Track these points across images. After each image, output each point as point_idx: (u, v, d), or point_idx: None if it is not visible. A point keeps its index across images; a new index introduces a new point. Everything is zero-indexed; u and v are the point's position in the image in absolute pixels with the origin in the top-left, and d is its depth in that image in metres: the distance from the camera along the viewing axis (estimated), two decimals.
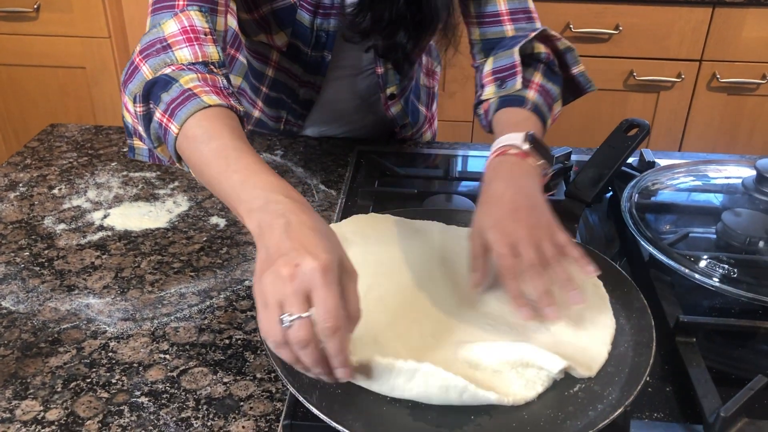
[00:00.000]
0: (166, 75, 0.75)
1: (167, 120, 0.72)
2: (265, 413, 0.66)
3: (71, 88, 2.27)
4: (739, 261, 0.80)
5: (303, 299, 0.55)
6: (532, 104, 0.89)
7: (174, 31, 0.78)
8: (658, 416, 0.66)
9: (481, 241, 0.72)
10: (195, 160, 0.70)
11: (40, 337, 0.75)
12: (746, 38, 2.01)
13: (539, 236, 0.70)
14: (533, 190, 0.76)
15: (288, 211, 0.60)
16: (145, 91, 0.76)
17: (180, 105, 0.71)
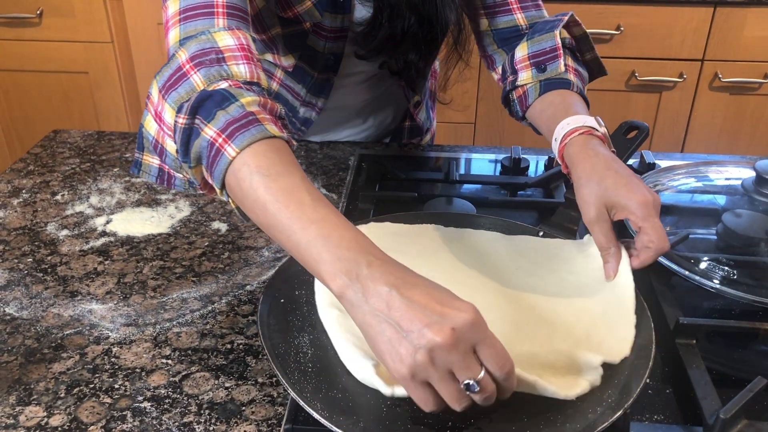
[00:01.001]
0: (224, 90, 0.68)
1: (223, 140, 0.64)
2: (267, 418, 0.67)
3: (74, 94, 2.28)
4: (739, 262, 0.80)
5: (474, 358, 0.53)
6: (577, 87, 0.89)
7: (231, 45, 0.71)
8: (657, 418, 0.66)
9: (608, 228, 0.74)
10: (256, 194, 0.62)
11: (44, 343, 0.76)
12: (748, 38, 2.01)
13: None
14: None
15: (389, 274, 0.56)
16: (196, 102, 0.67)
17: (242, 128, 0.64)
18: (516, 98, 0.94)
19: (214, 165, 0.65)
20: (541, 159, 1.13)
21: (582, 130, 0.79)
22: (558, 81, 0.89)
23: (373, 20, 0.94)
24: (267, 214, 0.62)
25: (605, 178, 0.73)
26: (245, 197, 0.63)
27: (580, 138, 0.79)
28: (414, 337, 0.52)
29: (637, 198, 0.71)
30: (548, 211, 0.96)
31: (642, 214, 0.71)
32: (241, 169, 0.63)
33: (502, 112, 2.17)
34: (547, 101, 0.89)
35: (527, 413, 0.60)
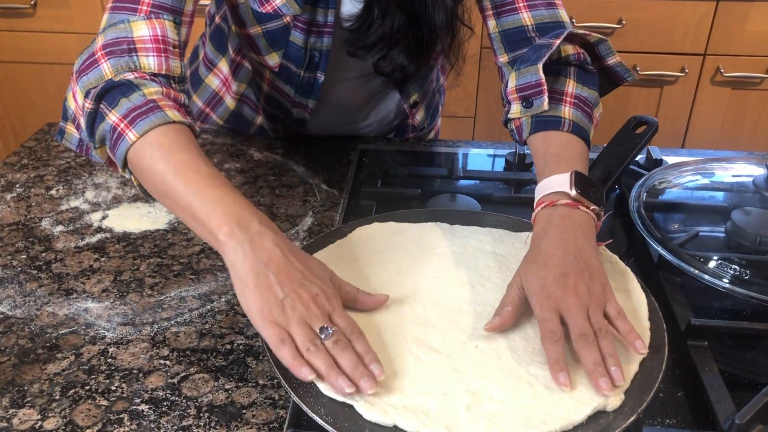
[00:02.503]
0: (129, 81, 0.74)
1: (125, 126, 0.71)
2: (268, 421, 0.65)
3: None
4: (750, 261, 0.78)
5: (328, 320, 0.63)
6: (569, 123, 0.83)
7: (144, 36, 0.77)
8: (670, 422, 0.64)
9: (517, 296, 0.69)
10: (156, 167, 0.69)
11: (38, 343, 0.74)
12: (750, 32, 1.99)
13: (588, 304, 0.65)
14: (585, 249, 0.70)
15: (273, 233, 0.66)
16: (102, 90, 0.74)
17: (142, 114, 0.71)
18: (514, 128, 0.91)
19: (116, 147, 0.72)
20: None
21: (546, 201, 0.75)
22: (548, 120, 0.85)
23: (362, 16, 0.90)
24: (165, 182, 0.69)
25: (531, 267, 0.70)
26: (144, 170, 0.71)
27: (543, 212, 0.75)
28: (283, 290, 0.63)
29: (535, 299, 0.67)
30: None
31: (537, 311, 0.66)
32: (143, 148, 0.70)
33: (501, 107, 2.15)
34: (534, 145, 0.85)
35: (540, 418, 0.58)
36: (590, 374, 0.61)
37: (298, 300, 0.63)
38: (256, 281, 0.63)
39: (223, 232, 0.65)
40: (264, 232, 0.66)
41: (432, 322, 0.68)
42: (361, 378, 0.59)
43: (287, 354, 0.61)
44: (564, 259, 0.69)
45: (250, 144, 1.16)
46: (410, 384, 0.61)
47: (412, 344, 0.66)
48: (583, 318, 0.64)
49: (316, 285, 0.65)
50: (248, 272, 0.64)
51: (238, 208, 0.67)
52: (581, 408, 0.58)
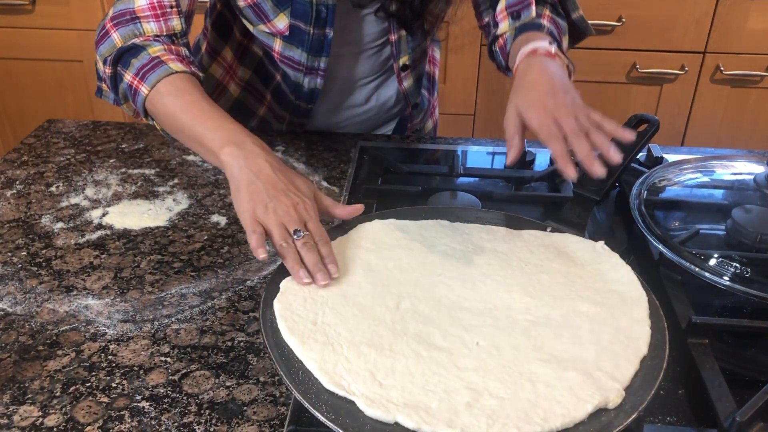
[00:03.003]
0: (135, 44, 0.88)
1: (137, 82, 0.86)
2: (269, 418, 0.65)
3: (68, 82, 2.25)
4: (751, 259, 0.78)
5: (303, 226, 0.74)
6: (547, 29, 0.96)
7: (143, 5, 0.89)
8: (671, 420, 0.64)
9: (517, 120, 0.79)
10: (167, 109, 0.84)
11: (38, 340, 0.74)
12: (750, 30, 1.99)
13: (576, 112, 0.77)
14: (566, 78, 0.83)
15: (264, 152, 0.78)
16: (116, 56, 0.89)
17: (150, 70, 0.85)
18: (498, 49, 1.01)
19: (135, 101, 0.87)
20: (546, 152, 1.11)
21: (527, 51, 0.88)
22: (530, 25, 0.96)
23: None
24: (176, 120, 0.83)
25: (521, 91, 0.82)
26: (159, 114, 0.86)
27: (525, 58, 0.88)
28: (269, 196, 0.75)
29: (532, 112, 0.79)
30: (555, 206, 0.94)
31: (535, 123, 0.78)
32: (155, 97, 0.85)
33: (501, 104, 2.15)
34: (517, 43, 0.95)
35: (541, 416, 0.58)
36: (585, 162, 0.73)
37: (280, 205, 0.74)
38: (247, 187, 0.75)
39: (224, 151, 0.78)
40: (257, 150, 0.78)
41: (433, 319, 0.68)
42: (319, 272, 0.71)
43: (254, 240, 0.72)
44: (551, 82, 0.81)
45: None
46: (411, 381, 0.61)
47: (413, 341, 0.65)
48: (574, 120, 0.76)
49: (297, 196, 0.76)
50: (242, 179, 0.76)
51: (234, 132, 0.80)
52: (582, 405, 0.58)
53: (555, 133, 0.75)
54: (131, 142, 1.16)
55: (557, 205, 0.92)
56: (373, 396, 0.59)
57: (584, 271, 0.76)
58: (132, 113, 0.93)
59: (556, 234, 0.82)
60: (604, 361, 0.63)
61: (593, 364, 0.63)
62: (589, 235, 0.89)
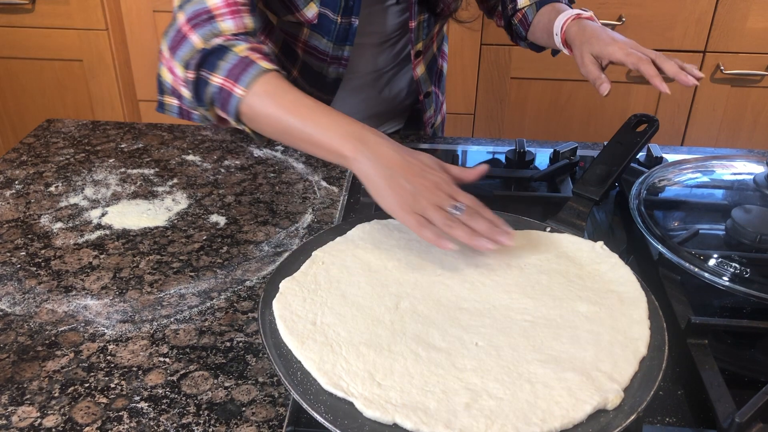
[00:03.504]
0: (220, 45, 0.85)
1: (231, 84, 0.83)
2: (268, 419, 0.65)
3: (68, 82, 2.24)
4: (751, 260, 0.78)
5: (453, 200, 0.73)
6: (568, 2, 1.07)
7: (218, 3, 0.86)
8: (670, 420, 0.64)
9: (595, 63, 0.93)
10: (269, 110, 0.81)
11: (37, 340, 0.74)
12: (751, 29, 1.98)
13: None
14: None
15: (386, 140, 0.77)
16: (200, 60, 0.85)
17: (242, 71, 0.82)
18: (517, 22, 1.11)
19: (228, 104, 0.84)
20: (546, 152, 1.11)
21: (572, 16, 1.00)
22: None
23: None
24: (281, 122, 0.80)
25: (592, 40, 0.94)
26: (259, 117, 0.82)
27: (573, 23, 0.99)
28: (411, 184, 0.73)
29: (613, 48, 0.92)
30: (555, 206, 0.94)
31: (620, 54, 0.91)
32: (252, 98, 0.82)
33: (501, 103, 2.15)
34: (541, 14, 1.07)
35: (539, 417, 0.58)
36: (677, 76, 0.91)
37: (426, 189, 0.73)
38: (387, 183, 0.74)
39: (348, 149, 0.76)
40: (380, 141, 0.76)
41: (432, 320, 0.68)
42: (500, 235, 0.72)
43: (430, 234, 0.71)
44: (611, 33, 0.94)
45: (249, 141, 1.15)
46: (410, 381, 0.61)
47: (412, 341, 0.65)
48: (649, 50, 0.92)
49: (434, 174, 0.75)
50: (379, 177, 0.74)
51: (351, 127, 0.78)
52: (581, 406, 0.58)
53: (642, 57, 0.88)
54: (130, 141, 1.16)
55: (557, 205, 0.92)
56: (371, 397, 0.59)
57: (583, 271, 0.76)
58: (213, 120, 0.90)
59: (555, 234, 0.82)
60: (603, 361, 0.63)
61: (592, 365, 0.63)
62: (589, 235, 0.89)
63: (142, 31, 2.17)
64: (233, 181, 1.04)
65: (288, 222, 0.94)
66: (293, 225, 0.94)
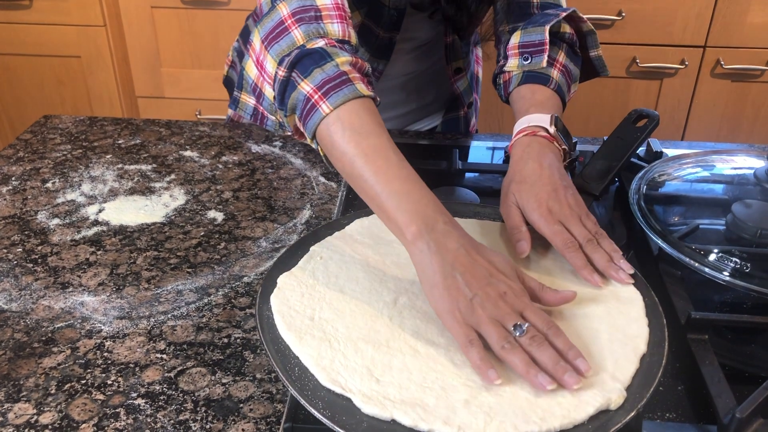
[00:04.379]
0: (321, 48, 0.76)
1: (318, 97, 0.73)
2: (266, 415, 0.64)
3: (66, 78, 2.24)
4: (751, 254, 0.77)
5: (520, 317, 0.62)
6: (556, 83, 0.91)
7: (327, 4, 0.80)
8: (670, 416, 0.64)
9: (519, 213, 0.77)
10: (345, 148, 0.71)
11: (34, 337, 0.73)
12: (751, 24, 1.98)
13: (581, 215, 0.76)
14: (563, 170, 0.80)
15: (458, 233, 0.66)
16: (295, 58, 0.76)
17: (336, 87, 0.73)
18: (502, 83, 0.97)
19: (308, 118, 0.74)
20: None
21: (528, 131, 0.83)
22: (538, 75, 0.91)
23: None
24: (354, 167, 0.70)
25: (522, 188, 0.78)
26: (334, 148, 0.72)
27: (524, 139, 0.83)
28: (471, 289, 0.62)
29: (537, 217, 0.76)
30: None
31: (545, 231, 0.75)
32: (335, 124, 0.72)
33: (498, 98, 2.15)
34: (520, 93, 0.92)
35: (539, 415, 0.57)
36: (607, 271, 0.72)
37: (487, 299, 0.62)
38: (443, 282, 0.63)
39: (411, 231, 0.65)
40: (449, 231, 0.65)
41: (430, 315, 0.68)
42: (565, 373, 0.58)
43: (475, 356, 0.60)
44: (551, 177, 0.77)
45: (248, 137, 1.15)
46: (408, 377, 0.61)
47: (410, 337, 0.65)
48: (582, 226, 0.74)
49: (503, 282, 0.63)
50: (436, 273, 0.63)
51: (423, 206, 0.67)
52: (583, 407, 0.57)
53: (571, 242, 0.73)
54: (128, 137, 1.15)
55: None
56: (369, 393, 0.59)
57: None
58: (289, 128, 0.81)
59: None
60: (605, 360, 0.62)
61: (594, 363, 0.62)
62: None
63: (141, 27, 2.16)
64: (231, 177, 1.03)
65: (286, 218, 0.94)
66: (291, 221, 0.93)
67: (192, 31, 2.16)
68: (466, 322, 0.62)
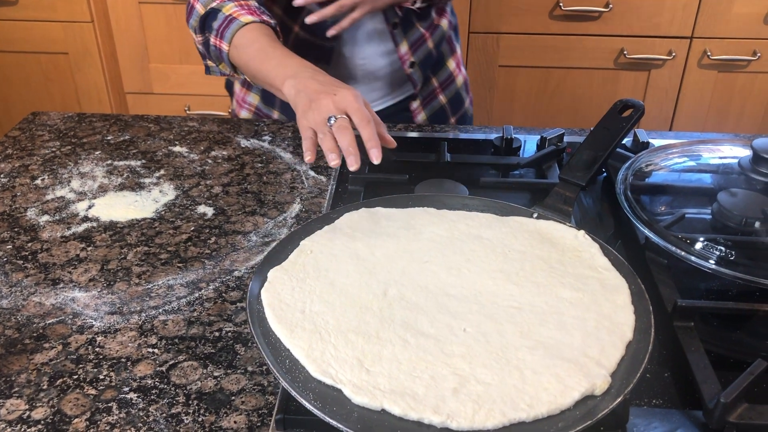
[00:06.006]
0: (213, 8, 1.01)
1: (219, 41, 1.00)
2: (258, 407, 0.65)
3: (54, 75, 2.23)
4: (736, 242, 0.78)
5: (342, 113, 0.80)
6: None
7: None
8: (656, 403, 0.65)
9: None
10: (243, 60, 0.98)
11: (25, 333, 0.73)
12: (737, 14, 1.99)
13: None
14: None
15: (317, 73, 0.88)
16: (200, 24, 1.02)
17: (225, 28, 0.98)
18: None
19: (221, 58, 1.02)
20: (533, 139, 1.11)
21: None
22: None
23: None
24: (249, 68, 0.98)
25: None
26: (240, 66, 1.00)
27: None
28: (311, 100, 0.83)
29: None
30: (542, 192, 0.94)
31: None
32: (233, 52, 0.99)
33: (489, 91, 2.15)
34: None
35: (527, 402, 0.58)
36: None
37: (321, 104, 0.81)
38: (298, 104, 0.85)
39: (285, 85, 0.88)
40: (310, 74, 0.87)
41: (420, 306, 0.69)
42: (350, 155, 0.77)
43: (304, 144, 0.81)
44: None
45: (237, 131, 1.15)
46: (398, 367, 0.61)
47: (400, 328, 0.66)
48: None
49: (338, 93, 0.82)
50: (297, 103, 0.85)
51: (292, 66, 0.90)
52: (569, 393, 0.58)
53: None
54: (117, 133, 1.15)
55: (544, 191, 0.92)
56: (360, 383, 0.59)
57: (565, 257, 0.76)
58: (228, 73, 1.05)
59: (541, 221, 0.83)
60: (590, 347, 0.63)
61: (579, 351, 0.63)
62: (577, 220, 0.89)
63: (129, 22, 2.15)
64: (220, 172, 1.04)
65: (276, 212, 0.94)
66: (281, 215, 0.93)
67: (180, 27, 2.15)
68: (308, 126, 0.82)
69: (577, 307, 0.68)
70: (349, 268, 0.74)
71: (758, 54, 2.04)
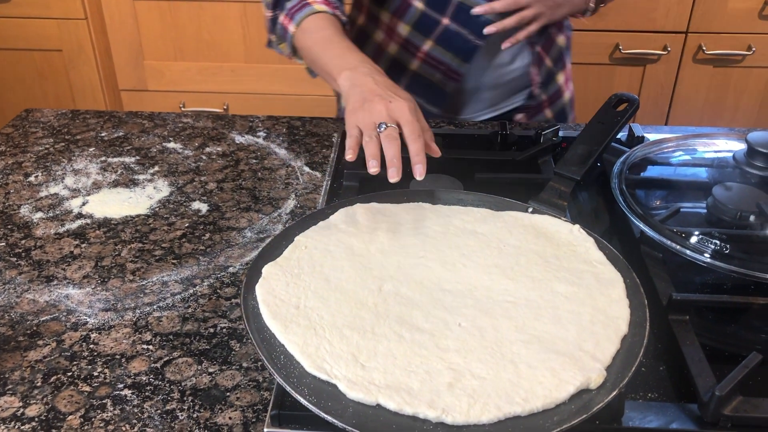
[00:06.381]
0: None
1: (287, 21, 1.02)
2: (252, 403, 0.65)
3: (48, 72, 2.22)
4: (731, 236, 0.78)
5: (394, 122, 0.78)
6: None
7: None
8: (652, 396, 0.65)
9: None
10: (307, 44, 0.99)
11: (18, 330, 0.73)
12: (732, 9, 1.99)
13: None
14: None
15: (375, 72, 0.87)
16: (274, 0, 1.05)
17: (298, 11, 1.00)
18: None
19: (285, 39, 1.04)
20: (528, 134, 1.10)
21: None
22: None
23: None
24: (311, 53, 0.99)
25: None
26: (302, 49, 1.02)
27: None
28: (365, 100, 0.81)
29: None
30: (537, 187, 0.94)
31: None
32: (299, 34, 1.00)
33: None
34: None
35: (522, 396, 0.58)
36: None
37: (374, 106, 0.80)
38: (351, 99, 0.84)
39: (341, 76, 0.88)
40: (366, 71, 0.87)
41: (415, 301, 0.68)
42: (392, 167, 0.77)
43: (347, 142, 0.79)
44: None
45: (231, 127, 1.15)
46: (393, 362, 0.61)
47: (395, 323, 0.66)
48: None
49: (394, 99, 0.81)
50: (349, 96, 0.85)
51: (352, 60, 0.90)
52: (564, 387, 0.58)
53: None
54: (111, 130, 1.15)
55: (539, 186, 0.92)
56: (355, 378, 0.59)
57: (560, 251, 0.76)
58: (287, 54, 1.06)
59: (536, 215, 0.83)
60: (586, 341, 0.63)
61: (575, 345, 0.63)
62: (572, 215, 0.89)
63: (123, 19, 2.14)
64: (215, 168, 1.03)
65: (271, 208, 0.94)
66: (276, 211, 0.93)
67: (175, 23, 2.14)
68: (356, 124, 0.80)
69: (572, 302, 0.68)
70: (344, 264, 0.74)
71: (753, 49, 2.04)
